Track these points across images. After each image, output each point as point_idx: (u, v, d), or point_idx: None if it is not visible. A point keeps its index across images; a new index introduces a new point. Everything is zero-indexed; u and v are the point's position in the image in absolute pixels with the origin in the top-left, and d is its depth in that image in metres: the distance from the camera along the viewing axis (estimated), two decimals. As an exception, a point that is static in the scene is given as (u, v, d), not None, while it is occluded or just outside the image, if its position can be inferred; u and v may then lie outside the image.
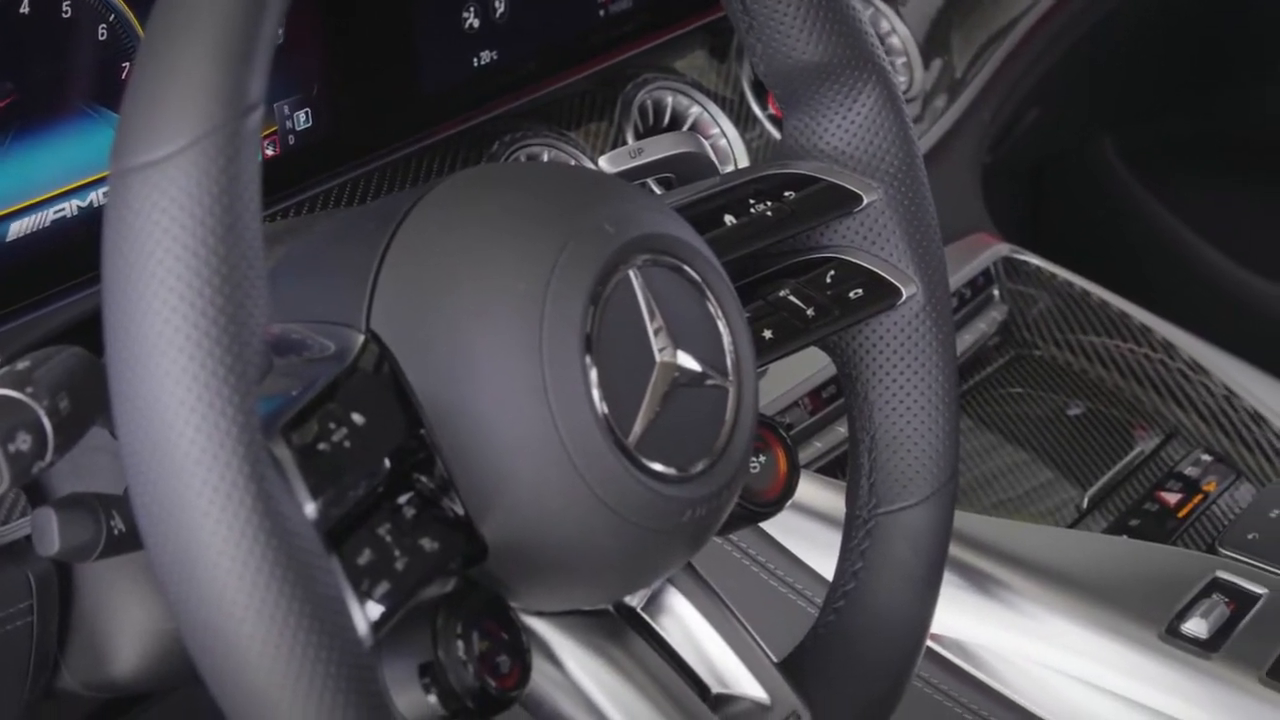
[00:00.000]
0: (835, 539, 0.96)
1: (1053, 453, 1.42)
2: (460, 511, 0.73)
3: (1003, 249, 1.59)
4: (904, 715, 1.16)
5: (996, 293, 1.58)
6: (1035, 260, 1.60)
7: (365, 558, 0.68)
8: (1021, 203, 2.15)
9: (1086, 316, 1.56)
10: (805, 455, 1.32)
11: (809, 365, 1.29)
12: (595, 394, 0.73)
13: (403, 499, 0.72)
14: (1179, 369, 1.50)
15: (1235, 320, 2.01)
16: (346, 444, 0.69)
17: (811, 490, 1.25)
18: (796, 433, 1.33)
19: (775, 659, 0.88)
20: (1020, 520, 1.34)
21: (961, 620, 1.23)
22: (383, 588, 0.68)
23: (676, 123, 1.33)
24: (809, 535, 1.24)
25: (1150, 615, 1.20)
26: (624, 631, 0.83)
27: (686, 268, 0.78)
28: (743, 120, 1.36)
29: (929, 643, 1.24)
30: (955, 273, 1.54)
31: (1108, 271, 1.65)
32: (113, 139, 0.64)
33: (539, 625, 0.81)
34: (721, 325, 0.79)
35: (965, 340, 1.52)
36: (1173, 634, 1.19)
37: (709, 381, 0.77)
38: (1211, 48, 2.07)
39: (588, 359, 0.73)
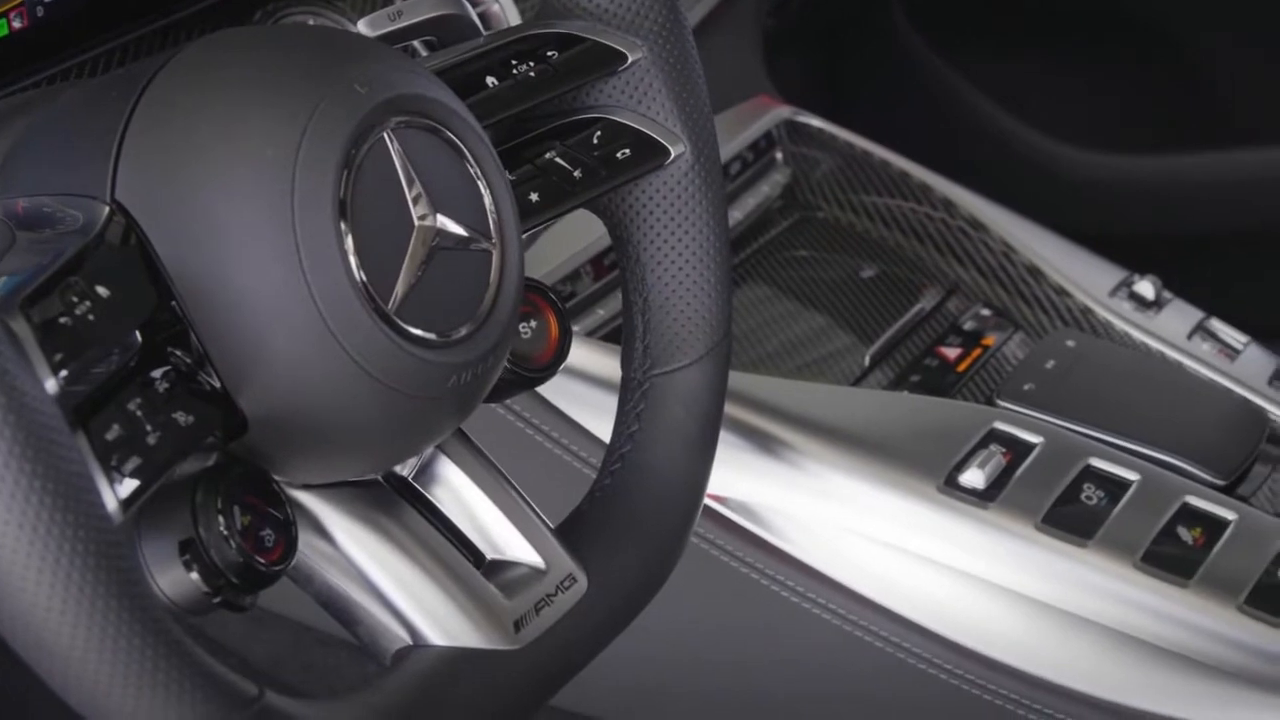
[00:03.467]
0: (614, 403, 0.95)
1: (836, 313, 1.43)
2: (217, 384, 0.72)
3: (784, 112, 1.60)
4: (692, 578, 1.17)
5: (779, 156, 1.58)
6: (817, 122, 1.60)
7: (114, 433, 0.66)
8: (811, 67, 2.15)
9: (868, 177, 1.57)
10: (589, 323, 1.31)
11: (591, 232, 1.29)
12: (352, 260, 0.71)
13: (156, 373, 0.70)
14: (959, 226, 1.52)
15: (1013, 177, 2.04)
16: (90, 318, 0.67)
17: (591, 355, 1.24)
18: (579, 300, 1.32)
19: (551, 524, 0.87)
20: (804, 381, 1.34)
21: (745, 481, 1.24)
22: (133, 463, 0.67)
23: (448, -12, 1.31)
24: (589, 401, 1.24)
25: (929, 468, 1.22)
26: (394, 502, 0.82)
27: (444, 129, 0.76)
28: (516, -15, 1.33)
29: (714, 505, 1.25)
30: (737, 136, 1.54)
31: (897, 133, 1.66)
32: None
33: (306, 498, 0.79)
34: (482, 187, 0.78)
35: (748, 204, 1.52)
36: (951, 485, 1.21)
37: (471, 245, 0.76)
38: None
39: (342, 225, 0.71)
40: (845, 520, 1.23)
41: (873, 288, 1.47)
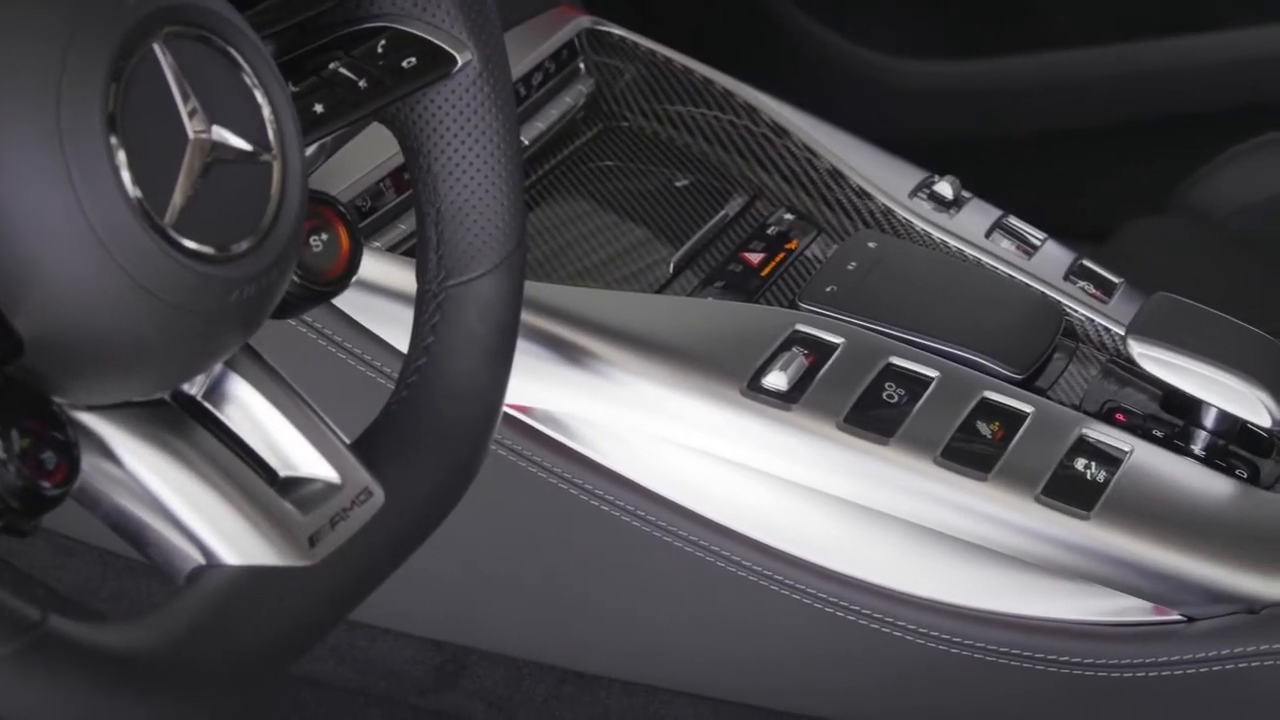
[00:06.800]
0: (411, 316, 0.95)
1: (641, 222, 1.44)
2: (-11, 306, 0.70)
3: (585, 21, 1.59)
4: (497, 488, 1.17)
5: (582, 66, 1.57)
6: (619, 31, 1.60)
7: (-122, 359, 0.65)
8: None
9: (671, 85, 1.57)
10: (391, 237, 1.30)
11: (390, 146, 1.27)
12: (124, 176, 0.70)
13: (-75, 296, 0.68)
14: (762, 133, 1.52)
15: (816, 82, 2.05)
16: None
17: (388, 268, 1.23)
18: (380, 215, 1.30)
19: (347, 439, 0.87)
20: (607, 290, 1.34)
21: (549, 391, 1.24)
22: None
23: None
24: (387, 314, 1.23)
25: (732, 372, 1.23)
26: (183, 421, 0.81)
27: (217, 39, 0.75)
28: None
29: (518, 415, 1.25)
30: (538, 47, 1.52)
31: (701, 42, 1.66)
32: None
33: (91, 420, 0.78)
34: (260, 98, 0.76)
35: (552, 115, 1.52)
36: (754, 389, 1.22)
37: (251, 158, 0.75)
38: None
39: (113, 139, 0.70)
40: (650, 426, 1.23)
41: (677, 195, 1.47)
